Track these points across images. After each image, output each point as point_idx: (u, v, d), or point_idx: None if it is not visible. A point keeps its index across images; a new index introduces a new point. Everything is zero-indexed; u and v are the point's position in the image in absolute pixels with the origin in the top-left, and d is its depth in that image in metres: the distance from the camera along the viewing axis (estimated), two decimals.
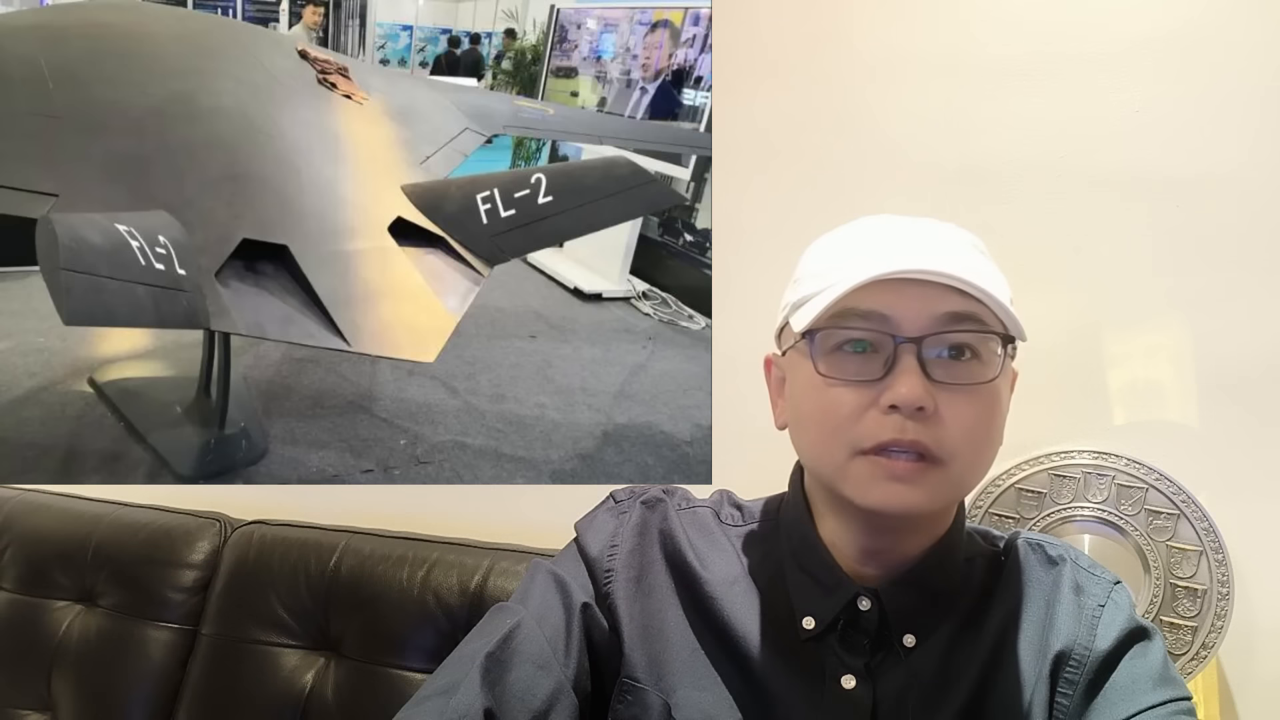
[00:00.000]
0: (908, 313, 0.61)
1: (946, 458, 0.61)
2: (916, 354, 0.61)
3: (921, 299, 0.61)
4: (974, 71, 1.24)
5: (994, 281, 0.63)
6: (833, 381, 0.63)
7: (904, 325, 0.61)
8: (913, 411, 0.60)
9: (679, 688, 0.68)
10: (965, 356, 0.62)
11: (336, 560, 1.33)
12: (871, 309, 0.62)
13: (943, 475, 0.62)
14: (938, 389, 0.61)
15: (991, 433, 0.64)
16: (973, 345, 0.62)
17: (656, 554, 0.73)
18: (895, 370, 0.61)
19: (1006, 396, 0.66)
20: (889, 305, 0.61)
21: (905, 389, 0.60)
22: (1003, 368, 0.63)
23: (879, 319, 0.62)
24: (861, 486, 0.63)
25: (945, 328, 0.61)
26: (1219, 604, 1.09)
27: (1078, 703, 0.65)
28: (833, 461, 0.64)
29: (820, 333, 0.63)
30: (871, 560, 0.68)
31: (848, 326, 0.62)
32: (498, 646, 0.67)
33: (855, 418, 0.62)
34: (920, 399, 0.60)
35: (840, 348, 0.63)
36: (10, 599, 1.48)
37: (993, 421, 0.64)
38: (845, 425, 0.62)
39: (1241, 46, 1.14)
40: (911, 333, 0.61)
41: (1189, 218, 1.16)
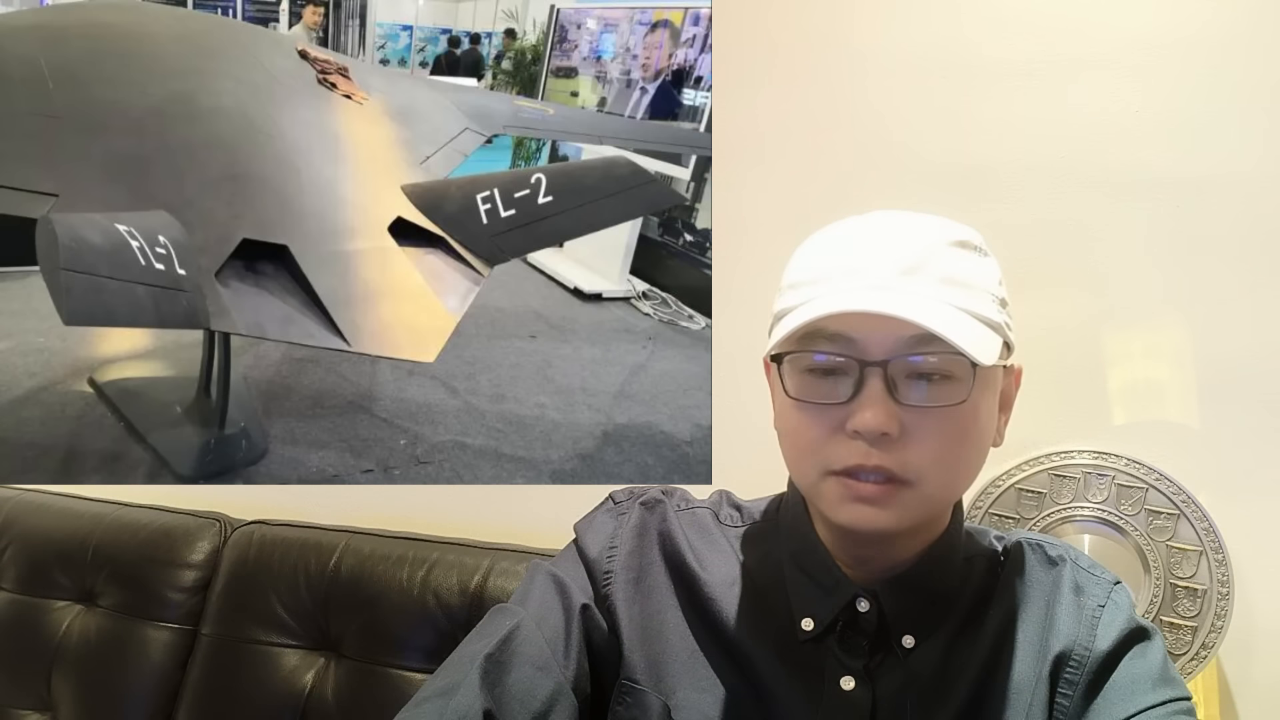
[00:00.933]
0: (873, 335, 0.61)
1: (915, 478, 0.61)
2: (883, 377, 0.60)
3: (888, 323, 0.59)
4: (974, 71, 1.24)
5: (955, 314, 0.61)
6: (801, 405, 0.63)
7: (870, 349, 0.61)
8: (877, 438, 0.60)
9: (678, 689, 0.68)
10: (935, 378, 0.61)
11: (336, 560, 1.33)
12: (838, 331, 0.61)
13: (912, 495, 0.62)
14: (906, 411, 0.61)
15: (964, 451, 0.63)
16: (941, 368, 0.61)
17: (655, 555, 0.73)
18: (861, 395, 0.61)
19: (986, 410, 0.64)
20: (856, 328, 0.61)
21: (870, 414, 0.60)
22: (975, 387, 0.62)
23: (845, 342, 0.61)
24: (833, 506, 0.63)
25: (911, 350, 0.60)
26: (1219, 604, 1.09)
27: (1078, 703, 0.65)
28: (806, 479, 0.65)
29: (788, 356, 0.63)
30: (863, 565, 0.68)
31: (815, 350, 0.62)
32: (497, 648, 0.66)
33: (823, 440, 0.62)
34: (883, 425, 0.60)
35: (809, 370, 0.63)
36: (10, 599, 1.48)
37: (965, 441, 0.63)
38: (814, 447, 0.63)
39: (1242, 47, 1.14)
40: (878, 356, 0.61)
41: (1189, 218, 1.16)
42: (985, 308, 0.62)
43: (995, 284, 0.65)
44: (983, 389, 0.63)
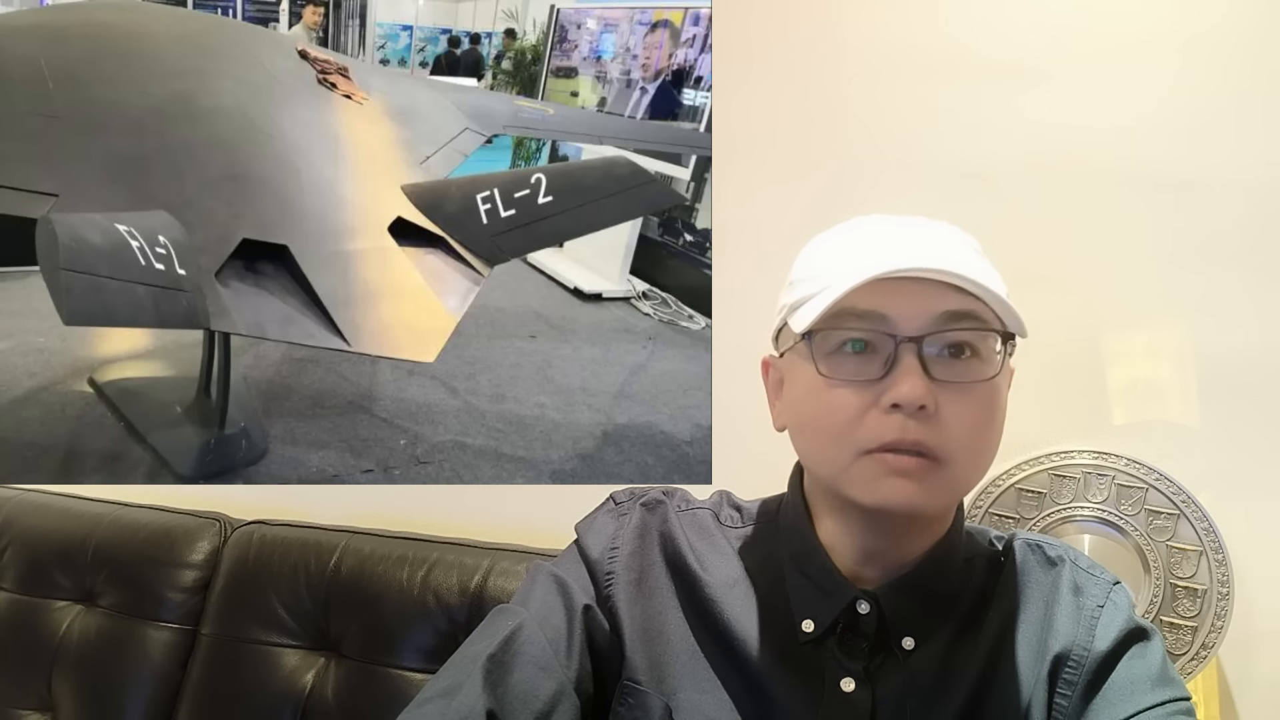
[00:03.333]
0: (906, 311, 0.61)
1: (947, 457, 0.61)
2: (917, 353, 0.61)
3: (920, 297, 0.61)
4: (974, 72, 1.24)
5: (991, 277, 0.63)
6: (833, 382, 0.63)
7: (903, 324, 0.61)
8: (914, 410, 0.60)
9: (679, 690, 0.68)
10: (965, 355, 0.62)
11: (336, 560, 1.33)
12: (870, 309, 0.61)
13: (943, 474, 0.62)
14: (938, 387, 0.61)
15: (991, 431, 0.64)
16: (972, 343, 0.62)
17: (657, 556, 0.73)
18: (896, 369, 0.61)
19: (1005, 394, 0.66)
20: (887, 305, 0.61)
21: (907, 388, 0.60)
22: (1002, 365, 0.64)
23: (878, 318, 0.62)
24: (866, 485, 0.63)
25: (944, 326, 0.61)
26: (1219, 604, 1.09)
27: (1077, 703, 0.65)
28: (837, 463, 0.64)
29: (819, 334, 0.63)
30: (870, 562, 0.68)
31: (847, 327, 0.62)
32: (499, 648, 0.66)
33: (857, 418, 0.62)
34: (922, 397, 0.60)
35: (840, 348, 0.63)
36: (10, 599, 1.48)
37: (992, 420, 0.64)
38: (848, 426, 0.62)
39: (1243, 47, 1.14)
40: (911, 331, 0.61)
41: (1189, 218, 1.16)
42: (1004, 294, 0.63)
43: (1002, 283, 0.65)
44: (1004, 371, 0.64)
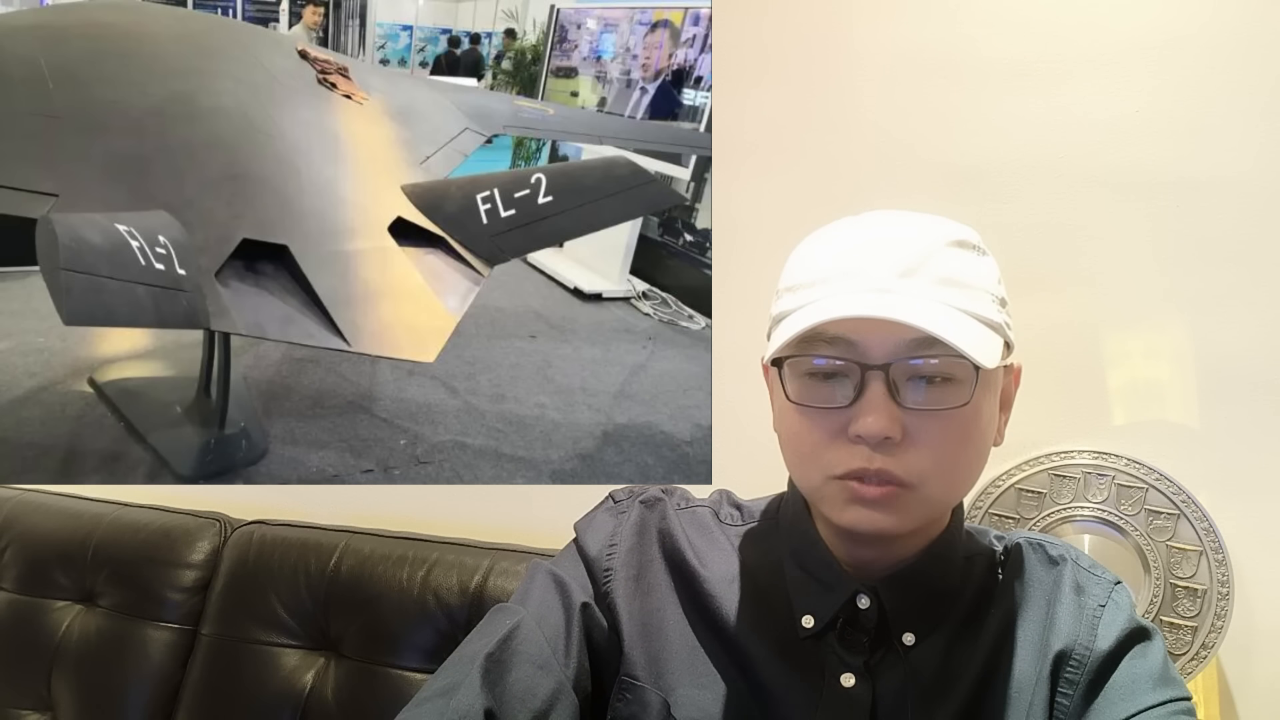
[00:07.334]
0: (874, 339, 0.60)
1: (917, 482, 0.61)
2: (885, 380, 0.60)
3: (888, 326, 0.59)
4: (974, 72, 1.24)
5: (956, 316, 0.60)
6: (803, 409, 0.63)
7: (871, 352, 0.60)
8: (879, 442, 0.60)
9: (678, 686, 0.68)
10: (937, 380, 0.61)
11: (336, 560, 1.33)
12: (838, 335, 0.61)
13: (914, 498, 0.62)
14: (908, 414, 0.60)
15: (966, 454, 0.63)
16: (943, 371, 0.61)
17: (655, 553, 0.73)
18: (863, 399, 0.60)
19: (988, 412, 0.64)
20: (856, 332, 0.60)
21: (871, 419, 0.60)
22: (977, 388, 0.61)
23: (846, 345, 0.61)
24: (837, 508, 0.63)
25: (913, 353, 0.60)
26: (1219, 604, 1.09)
27: (1078, 703, 0.65)
28: (810, 482, 0.65)
29: (789, 360, 0.63)
30: (866, 564, 0.68)
31: (815, 354, 0.62)
32: (498, 647, 0.66)
33: (825, 445, 0.62)
34: (885, 429, 0.59)
35: (810, 373, 0.63)
36: (10, 599, 1.48)
37: (967, 443, 0.63)
38: (816, 452, 0.63)
39: (1242, 47, 1.14)
40: (878, 360, 0.60)
41: (1189, 218, 1.16)
42: (985, 308, 0.62)
43: (994, 283, 0.64)
44: (984, 390, 0.63)
